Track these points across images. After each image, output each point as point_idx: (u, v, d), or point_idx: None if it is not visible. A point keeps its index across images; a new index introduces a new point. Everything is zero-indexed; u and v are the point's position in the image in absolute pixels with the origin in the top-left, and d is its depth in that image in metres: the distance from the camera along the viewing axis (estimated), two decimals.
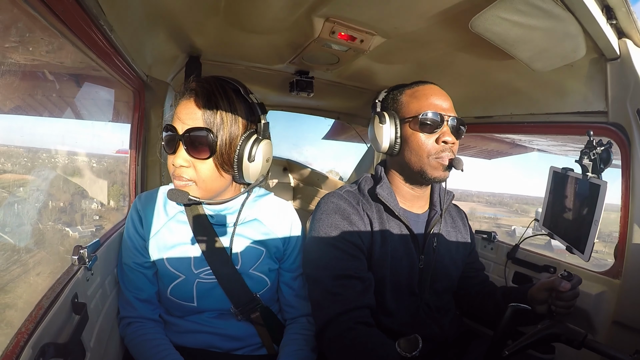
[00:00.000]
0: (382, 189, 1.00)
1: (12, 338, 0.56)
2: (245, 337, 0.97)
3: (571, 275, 0.86)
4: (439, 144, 0.95)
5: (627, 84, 0.92)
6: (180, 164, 0.83)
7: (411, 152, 0.97)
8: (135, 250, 0.95)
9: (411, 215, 1.04)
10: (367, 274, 0.94)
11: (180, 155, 0.84)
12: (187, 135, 0.82)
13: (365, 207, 1.01)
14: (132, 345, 0.92)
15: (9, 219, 0.91)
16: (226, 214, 0.98)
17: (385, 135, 0.98)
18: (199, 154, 0.83)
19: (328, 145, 21.32)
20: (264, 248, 0.99)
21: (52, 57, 0.89)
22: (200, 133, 0.82)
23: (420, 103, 0.97)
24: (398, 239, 0.99)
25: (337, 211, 0.97)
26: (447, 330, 1.03)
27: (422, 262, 1.01)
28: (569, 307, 0.87)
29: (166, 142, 0.86)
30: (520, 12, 0.80)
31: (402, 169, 1.02)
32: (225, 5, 0.94)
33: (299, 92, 1.49)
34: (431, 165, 0.95)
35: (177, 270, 0.93)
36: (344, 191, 1.04)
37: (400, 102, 1.01)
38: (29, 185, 1.07)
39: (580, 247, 0.91)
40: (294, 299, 1.03)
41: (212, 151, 0.83)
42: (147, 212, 0.96)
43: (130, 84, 1.16)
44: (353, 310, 0.87)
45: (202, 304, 0.93)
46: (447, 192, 1.08)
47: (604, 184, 0.85)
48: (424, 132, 0.95)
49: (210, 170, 0.86)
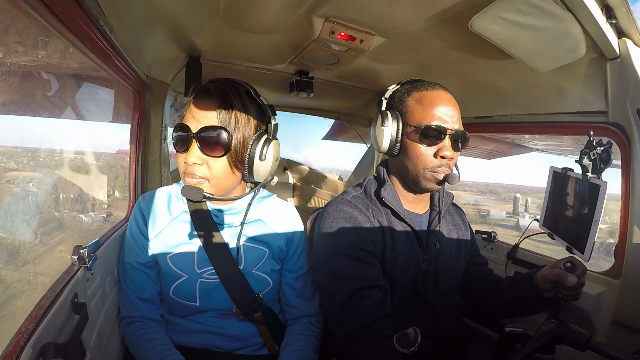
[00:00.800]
0: (387, 192, 1.00)
1: (12, 338, 0.56)
2: (246, 337, 0.98)
3: (575, 266, 0.85)
4: (437, 158, 0.93)
5: (627, 83, 0.92)
6: (194, 161, 0.85)
7: (409, 159, 0.96)
8: (139, 250, 0.95)
9: (414, 216, 1.04)
10: (384, 282, 0.93)
11: (193, 152, 0.85)
12: (202, 134, 0.85)
13: (375, 212, 0.99)
14: (133, 345, 0.92)
15: (31, 208, 1.03)
16: (231, 213, 0.98)
17: (386, 137, 0.97)
18: (212, 152, 0.86)
19: (328, 145, 21.26)
20: (267, 248, 1.00)
21: (52, 57, 0.89)
22: (215, 131, 0.85)
23: (425, 112, 0.94)
24: (405, 242, 0.99)
25: (348, 219, 0.96)
26: (448, 330, 1.03)
27: (425, 262, 1.01)
28: (574, 295, 0.87)
29: (178, 140, 0.87)
30: (520, 12, 0.80)
31: (400, 171, 1.02)
32: (225, 5, 0.94)
33: (299, 92, 1.49)
34: (425, 177, 0.95)
35: (180, 269, 0.93)
36: (351, 197, 1.02)
37: (406, 105, 0.98)
38: (46, 180, 1.19)
39: (580, 247, 0.91)
40: (295, 300, 1.03)
41: (227, 149, 0.86)
42: (151, 211, 0.96)
43: (130, 84, 1.16)
44: (374, 323, 0.86)
45: (204, 303, 0.94)
46: (446, 193, 1.08)
47: (604, 184, 0.85)
48: (423, 144, 0.93)
49: (223, 168, 0.88)
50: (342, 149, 49.46)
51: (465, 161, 1.02)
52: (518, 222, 3.40)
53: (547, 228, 1.10)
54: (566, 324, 0.72)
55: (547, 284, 0.90)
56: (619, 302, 0.96)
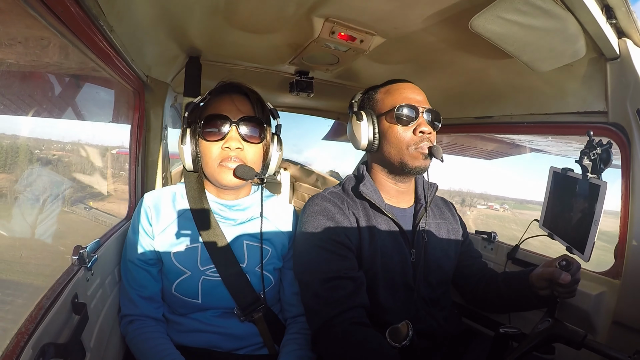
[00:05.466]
0: (365, 187, 1.02)
1: (12, 338, 0.56)
2: (247, 336, 0.98)
3: (570, 264, 0.86)
4: (417, 135, 0.98)
5: (627, 83, 0.92)
6: (236, 146, 0.93)
7: (390, 145, 1.00)
8: (141, 247, 0.96)
9: (397, 210, 1.06)
10: (358, 274, 0.94)
11: (235, 137, 0.94)
12: (243, 121, 0.95)
13: (350, 205, 1.02)
14: (134, 344, 0.93)
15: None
16: (237, 209, 1.02)
17: (364, 132, 1.02)
18: (252, 139, 0.96)
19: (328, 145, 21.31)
20: (270, 246, 1.02)
21: (52, 57, 0.89)
22: (255, 120, 0.97)
23: (395, 98, 1.01)
24: (386, 235, 1.00)
25: (321, 212, 0.99)
26: (444, 326, 1.03)
27: (414, 255, 1.02)
28: (570, 292, 0.88)
29: (214, 128, 0.94)
30: (520, 12, 0.80)
31: (384, 164, 1.05)
32: (225, 5, 0.94)
33: (299, 93, 1.49)
34: (411, 156, 0.98)
35: (183, 266, 0.94)
36: (327, 192, 1.06)
37: (375, 100, 1.06)
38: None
39: (580, 248, 0.91)
40: (294, 297, 1.04)
41: (262, 138, 0.98)
42: (156, 209, 0.98)
43: (130, 84, 1.16)
44: (346, 312, 0.87)
45: (206, 301, 0.94)
46: (430, 185, 1.11)
47: (604, 184, 0.85)
48: (400, 125, 0.99)
49: (257, 154, 0.98)
50: (342, 150, 49.57)
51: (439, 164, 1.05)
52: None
53: (547, 228, 1.10)
54: (562, 323, 0.72)
55: (542, 282, 0.91)
56: (619, 302, 0.96)
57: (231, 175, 0.94)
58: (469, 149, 2.36)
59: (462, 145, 2.19)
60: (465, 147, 2.27)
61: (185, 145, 0.96)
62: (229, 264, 0.95)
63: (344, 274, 0.92)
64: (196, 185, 1.02)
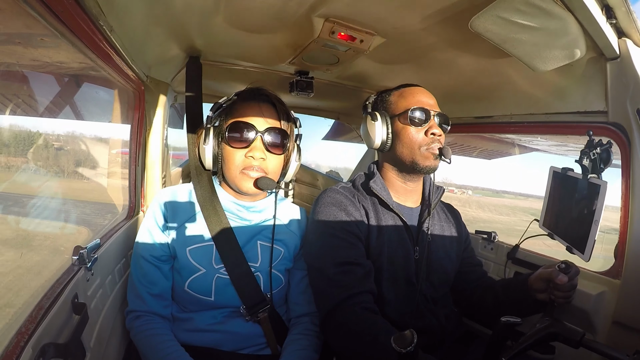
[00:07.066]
0: (376, 184, 1.06)
1: (12, 338, 0.56)
2: (251, 337, 0.99)
3: (569, 267, 0.86)
4: (428, 136, 1.03)
5: (627, 83, 0.92)
6: (260, 156, 0.96)
7: (403, 145, 1.04)
8: (155, 243, 0.96)
9: (404, 208, 1.09)
10: (367, 261, 0.98)
11: (259, 147, 0.96)
12: (268, 133, 0.97)
13: (360, 199, 1.06)
14: (139, 340, 0.93)
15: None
16: (253, 211, 1.04)
17: (378, 131, 1.06)
18: (275, 150, 0.99)
19: (328, 145, 21.38)
20: (283, 247, 1.04)
21: (52, 57, 0.89)
22: (280, 133, 1.00)
23: (408, 101, 1.07)
24: (393, 230, 1.04)
25: (334, 203, 1.03)
26: (445, 325, 1.04)
27: (417, 252, 1.05)
28: (566, 297, 0.88)
29: (239, 135, 0.96)
30: (520, 11, 0.80)
31: (395, 163, 1.09)
32: (225, 5, 0.94)
33: (299, 93, 1.48)
34: (423, 156, 1.02)
35: (198, 263, 0.95)
36: (339, 187, 1.10)
37: (389, 102, 1.11)
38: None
39: (580, 247, 0.91)
40: (300, 297, 1.06)
41: (285, 149, 1.01)
42: (172, 206, 1.00)
43: (130, 84, 1.16)
44: (357, 295, 0.90)
45: (218, 299, 0.95)
46: (437, 187, 1.15)
47: (604, 184, 0.85)
48: (413, 126, 1.03)
49: (279, 164, 1.02)
50: (343, 150, 49.56)
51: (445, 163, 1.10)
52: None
53: (547, 228, 1.10)
54: (560, 322, 0.72)
55: (540, 283, 0.92)
56: (619, 302, 0.96)
57: (251, 184, 0.97)
58: (469, 149, 2.36)
59: (461, 144, 2.19)
60: (465, 146, 2.27)
61: (208, 146, 0.98)
62: (238, 264, 0.96)
63: (354, 260, 0.95)
64: (207, 186, 1.03)
